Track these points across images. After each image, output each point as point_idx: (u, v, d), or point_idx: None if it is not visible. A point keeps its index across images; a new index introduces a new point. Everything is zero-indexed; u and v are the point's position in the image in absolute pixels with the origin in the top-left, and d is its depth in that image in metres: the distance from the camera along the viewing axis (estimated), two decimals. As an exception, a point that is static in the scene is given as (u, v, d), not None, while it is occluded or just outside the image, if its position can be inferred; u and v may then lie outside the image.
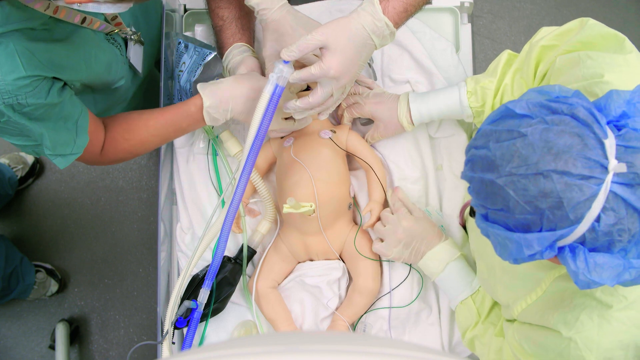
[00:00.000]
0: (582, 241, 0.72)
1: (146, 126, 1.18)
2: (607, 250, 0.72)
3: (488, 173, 0.75)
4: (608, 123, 0.74)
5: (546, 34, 1.04)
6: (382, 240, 1.23)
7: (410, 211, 1.23)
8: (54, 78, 1.00)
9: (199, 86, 1.16)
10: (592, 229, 0.71)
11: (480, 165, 0.77)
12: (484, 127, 0.79)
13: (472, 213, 0.92)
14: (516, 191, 0.72)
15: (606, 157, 0.70)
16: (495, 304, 1.14)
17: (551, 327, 0.89)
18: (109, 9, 0.84)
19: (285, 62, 1.02)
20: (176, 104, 1.20)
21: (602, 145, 0.71)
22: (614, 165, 0.70)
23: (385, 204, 1.28)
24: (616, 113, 0.74)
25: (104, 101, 1.27)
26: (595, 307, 0.85)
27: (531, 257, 0.73)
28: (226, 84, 1.16)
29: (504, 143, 0.74)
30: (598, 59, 0.90)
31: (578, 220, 0.70)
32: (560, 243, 0.73)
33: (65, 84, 1.04)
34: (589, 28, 0.96)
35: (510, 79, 1.13)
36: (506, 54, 1.16)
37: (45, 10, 0.92)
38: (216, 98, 1.14)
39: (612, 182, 0.70)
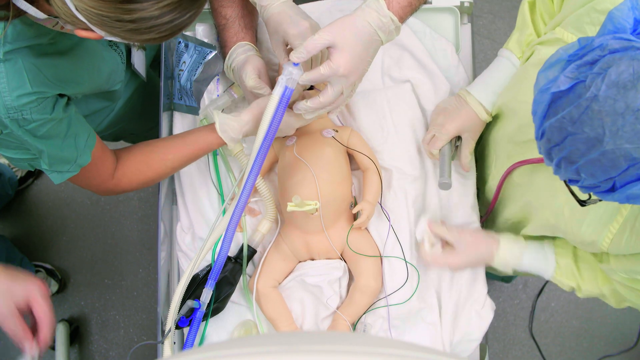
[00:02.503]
0: None
1: (164, 160, 1.19)
2: None
3: (592, 151, 0.74)
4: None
5: None
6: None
7: (448, 240, 1.24)
8: (59, 95, 1.01)
9: (222, 134, 1.16)
10: None
11: (578, 152, 0.75)
12: (548, 125, 0.78)
13: (583, 203, 0.89)
14: (631, 141, 0.71)
15: None
16: (577, 258, 1.17)
17: None
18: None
19: (295, 64, 1.02)
20: (194, 135, 1.20)
21: None
22: None
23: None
24: (630, 25, 0.75)
25: (97, 103, 1.27)
26: None
27: None
28: (243, 119, 1.16)
29: (583, 117, 0.73)
30: None
31: None
32: None
33: (68, 100, 1.05)
34: None
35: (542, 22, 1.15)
36: (526, 3, 1.18)
37: (53, 27, 0.93)
38: (238, 136, 1.16)
39: None
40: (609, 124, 0.71)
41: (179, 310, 1.20)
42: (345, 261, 1.30)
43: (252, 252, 1.31)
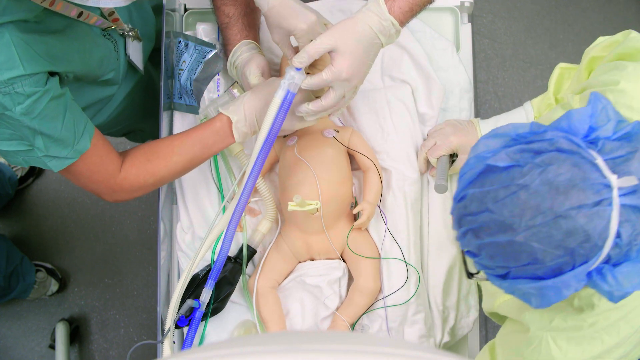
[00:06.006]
0: (606, 260, 0.72)
1: (171, 146, 1.16)
2: (627, 259, 0.72)
3: (501, 235, 0.73)
4: None
5: (598, 44, 1.05)
6: None
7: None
8: (50, 74, 0.99)
9: (221, 109, 1.16)
10: (615, 245, 0.71)
11: (488, 230, 0.75)
12: (470, 192, 0.77)
13: (470, 275, 0.90)
14: (540, 241, 0.71)
15: (604, 176, 0.71)
16: None
17: (525, 323, 0.90)
18: (107, 4, 0.84)
19: (297, 68, 1.02)
20: (199, 124, 1.18)
21: (596, 166, 0.72)
22: (616, 181, 0.70)
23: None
24: (584, 130, 0.75)
25: (93, 93, 1.26)
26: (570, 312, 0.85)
27: (568, 295, 0.73)
28: (245, 97, 1.15)
29: (506, 200, 0.73)
30: (623, 68, 0.90)
31: (603, 244, 0.71)
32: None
33: (61, 80, 1.03)
34: (629, 41, 0.97)
35: (571, 91, 1.14)
36: (557, 69, 1.18)
37: (42, 2, 0.92)
38: (241, 113, 1.14)
39: (619, 196, 0.70)
40: (527, 218, 0.71)
41: (178, 310, 1.20)
42: (345, 261, 1.30)
43: (252, 252, 1.31)
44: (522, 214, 0.71)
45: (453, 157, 1.28)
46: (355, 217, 1.31)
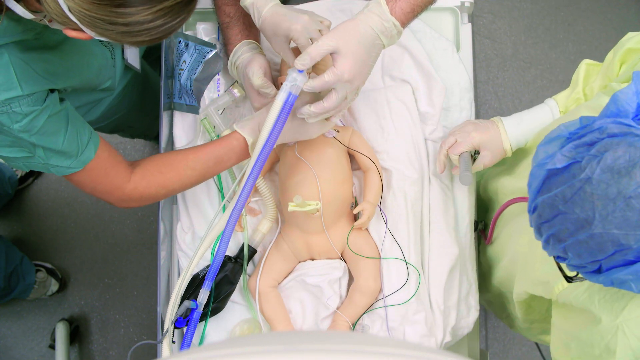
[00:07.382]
0: None
1: (185, 160, 1.16)
2: None
3: (581, 232, 0.74)
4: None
5: (630, 37, 1.05)
6: None
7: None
8: (50, 90, 1.00)
9: (238, 127, 1.16)
10: None
11: (567, 231, 0.75)
12: (540, 200, 0.78)
13: (569, 279, 0.89)
14: (619, 227, 0.71)
15: None
16: None
17: (595, 313, 0.87)
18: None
19: (300, 71, 1.02)
20: (215, 140, 1.18)
21: None
22: None
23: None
24: (633, 109, 0.75)
25: (87, 96, 1.26)
26: None
27: None
28: (261, 117, 1.15)
29: (574, 198, 0.73)
30: None
31: None
32: None
33: (60, 98, 1.04)
34: None
35: (598, 86, 1.14)
36: (584, 65, 1.17)
37: (40, 21, 0.92)
38: (256, 134, 1.14)
39: None
40: (599, 208, 0.71)
41: (176, 311, 1.20)
42: (345, 261, 1.30)
43: (252, 251, 1.31)
44: (592, 206, 0.72)
45: (474, 154, 1.26)
46: (356, 217, 1.31)
